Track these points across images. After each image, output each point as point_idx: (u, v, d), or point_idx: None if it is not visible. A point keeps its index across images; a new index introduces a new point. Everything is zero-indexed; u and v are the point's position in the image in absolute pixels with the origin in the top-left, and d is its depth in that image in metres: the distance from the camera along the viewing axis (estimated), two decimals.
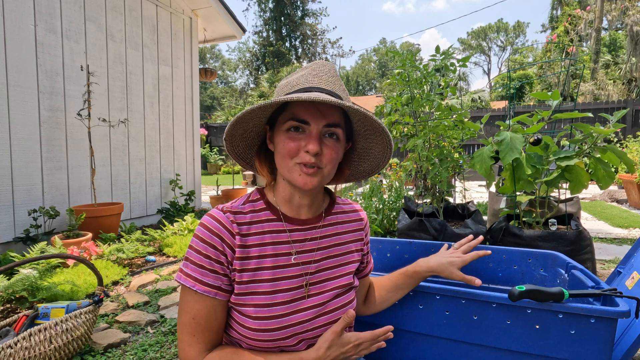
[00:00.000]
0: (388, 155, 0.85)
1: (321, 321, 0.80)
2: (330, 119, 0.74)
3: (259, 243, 0.78)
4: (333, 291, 0.83)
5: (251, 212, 0.80)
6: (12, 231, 3.04)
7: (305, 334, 0.78)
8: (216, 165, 13.11)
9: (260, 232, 0.79)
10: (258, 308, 0.75)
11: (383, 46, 47.64)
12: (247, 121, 0.77)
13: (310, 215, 0.85)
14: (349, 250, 0.89)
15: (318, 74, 0.78)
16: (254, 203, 0.82)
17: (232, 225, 0.76)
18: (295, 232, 0.82)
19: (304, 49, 23.99)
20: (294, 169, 0.75)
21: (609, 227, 4.00)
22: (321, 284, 0.82)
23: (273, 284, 0.77)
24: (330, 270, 0.85)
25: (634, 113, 8.79)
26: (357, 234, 0.92)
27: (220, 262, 0.75)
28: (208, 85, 34.82)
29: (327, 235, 0.86)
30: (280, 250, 0.80)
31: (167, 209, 4.44)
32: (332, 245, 0.86)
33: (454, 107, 2.54)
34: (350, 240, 0.90)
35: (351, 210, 0.94)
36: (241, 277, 0.76)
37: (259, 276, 0.77)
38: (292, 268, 0.80)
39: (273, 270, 0.78)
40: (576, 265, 1.23)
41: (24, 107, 3.11)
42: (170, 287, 2.43)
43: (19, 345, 1.34)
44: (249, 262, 0.76)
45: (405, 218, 2.56)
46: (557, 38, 14.45)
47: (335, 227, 0.88)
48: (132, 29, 4.14)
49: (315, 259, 0.83)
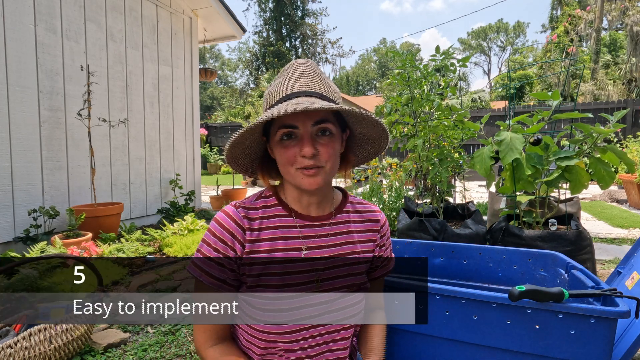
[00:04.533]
0: (385, 136, 0.85)
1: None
2: (316, 117, 0.75)
3: (270, 237, 0.80)
4: (342, 290, 0.83)
5: (263, 207, 0.83)
6: (12, 231, 3.04)
7: (310, 330, 0.79)
8: (216, 165, 13.11)
9: (271, 226, 0.82)
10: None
11: (383, 46, 47.63)
12: (242, 142, 0.80)
13: (321, 213, 0.86)
14: (361, 250, 0.88)
15: (296, 77, 0.78)
16: (266, 199, 0.85)
17: (243, 220, 0.80)
18: (306, 228, 0.83)
19: (304, 49, 23.99)
20: (297, 175, 0.77)
21: (609, 227, 4.00)
22: (330, 281, 0.83)
23: (282, 278, 0.79)
24: (339, 269, 0.85)
25: (634, 113, 8.79)
26: (370, 235, 0.90)
27: (228, 257, 0.78)
28: (208, 85, 34.81)
29: (337, 233, 0.86)
30: (291, 245, 0.81)
31: (167, 209, 4.44)
32: (342, 244, 0.86)
33: (454, 107, 2.54)
34: (363, 240, 0.89)
35: (366, 210, 0.93)
36: (251, 271, 0.78)
37: (269, 270, 0.79)
38: (302, 263, 0.81)
39: (283, 265, 0.80)
40: (576, 265, 1.23)
41: (24, 107, 3.11)
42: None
43: (19, 345, 1.34)
44: (259, 255, 0.79)
45: (405, 218, 2.56)
46: (557, 38, 14.44)
47: (347, 225, 0.88)
48: (132, 29, 4.14)
49: (325, 255, 0.84)
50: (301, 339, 0.79)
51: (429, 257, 1.57)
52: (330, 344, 0.83)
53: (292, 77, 0.79)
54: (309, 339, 0.80)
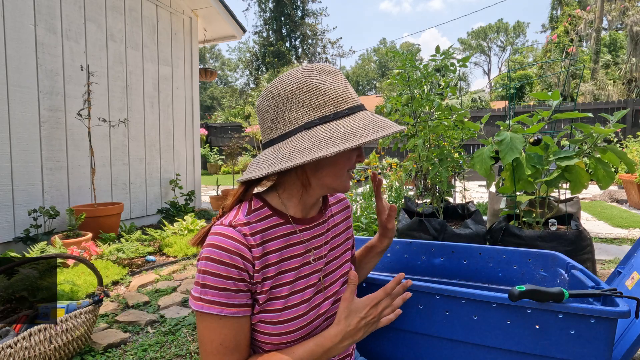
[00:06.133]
0: None
1: (335, 310, 0.84)
2: None
3: (275, 249, 0.77)
4: (341, 279, 0.88)
5: (259, 220, 0.77)
6: (12, 231, 3.04)
7: (322, 326, 0.82)
8: (216, 165, 13.10)
9: (273, 237, 0.77)
10: (281, 312, 0.75)
11: (383, 46, 47.64)
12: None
13: (314, 214, 0.87)
14: (347, 237, 0.96)
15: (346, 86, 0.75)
16: (258, 212, 0.78)
17: (247, 238, 0.72)
18: (305, 231, 0.83)
19: (304, 49, 24.00)
20: (347, 177, 0.78)
21: (609, 227, 4.00)
22: (331, 275, 0.87)
23: (292, 285, 0.78)
24: (336, 260, 0.89)
25: (634, 113, 8.80)
26: (348, 221, 0.98)
27: (243, 279, 0.71)
28: (208, 85, 34.82)
29: (329, 229, 0.90)
30: (297, 251, 0.80)
31: (167, 209, 4.44)
32: (334, 237, 0.91)
33: (454, 107, 2.54)
34: (346, 228, 0.97)
35: (337, 200, 0.98)
36: (262, 287, 0.74)
37: (280, 280, 0.76)
38: (307, 267, 0.82)
39: (296, 272, 0.79)
40: (576, 265, 1.23)
41: (24, 107, 3.11)
42: (170, 287, 2.43)
43: (19, 345, 1.34)
44: (268, 270, 0.75)
45: (405, 218, 2.56)
46: (557, 38, 14.44)
47: (333, 218, 0.93)
48: (132, 29, 4.14)
49: (324, 253, 0.86)
50: (309, 333, 0.78)
51: (429, 257, 1.57)
52: None
53: (343, 83, 0.75)
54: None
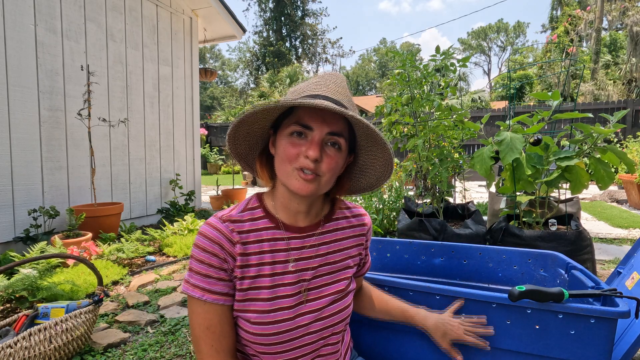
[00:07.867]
0: (389, 171, 0.84)
1: (318, 326, 0.81)
2: (333, 127, 0.75)
3: (258, 251, 0.79)
4: (330, 297, 0.84)
5: (249, 220, 0.81)
6: (12, 231, 3.04)
7: (302, 338, 0.80)
8: (216, 165, 13.11)
9: (259, 240, 0.79)
10: (258, 314, 0.77)
11: (383, 46, 47.63)
12: (252, 123, 0.78)
13: (308, 223, 0.85)
14: (348, 255, 0.90)
15: (326, 83, 0.78)
16: (252, 211, 0.82)
17: (232, 233, 0.77)
18: (293, 239, 0.82)
19: (304, 49, 23.99)
20: (292, 174, 0.75)
21: (609, 228, 4.00)
22: (318, 290, 0.83)
23: (272, 291, 0.78)
24: (327, 276, 0.85)
25: (634, 113, 8.79)
26: (357, 239, 0.92)
27: (224, 269, 0.76)
28: (208, 85, 34.81)
29: (325, 242, 0.86)
30: (278, 258, 0.80)
31: (167, 209, 4.44)
32: (330, 252, 0.87)
33: (454, 107, 2.54)
34: (350, 246, 0.91)
35: (353, 215, 0.93)
36: (242, 285, 0.77)
37: (258, 283, 0.78)
38: (289, 275, 0.80)
39: (272, 278, 0.79)
40: (576, 265, 1.23)
41: (24, 107, 3.11)
42: (170, 287, 2.43)
43: (19, 345, 1.34)
44: (248, 269, 0.78)
45: (405, 218, 2.56)
46: (557, 38, 14.44)
47: (335, 233, 0.88)
48: (132, 29, 4.14)
49: (313, 266, 0.83)
50: (291, 348, 0.79)
51: (429, 257, 1.57)
52: (320, 350, 0.84)
53: (325, 82, 0.79)
54: (299, 349, 0.80)
